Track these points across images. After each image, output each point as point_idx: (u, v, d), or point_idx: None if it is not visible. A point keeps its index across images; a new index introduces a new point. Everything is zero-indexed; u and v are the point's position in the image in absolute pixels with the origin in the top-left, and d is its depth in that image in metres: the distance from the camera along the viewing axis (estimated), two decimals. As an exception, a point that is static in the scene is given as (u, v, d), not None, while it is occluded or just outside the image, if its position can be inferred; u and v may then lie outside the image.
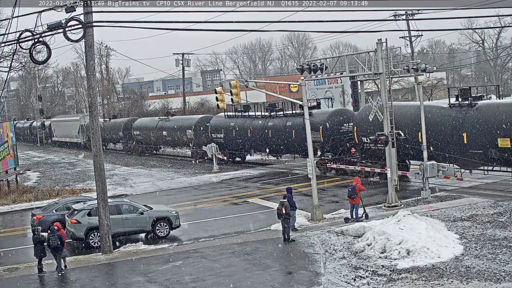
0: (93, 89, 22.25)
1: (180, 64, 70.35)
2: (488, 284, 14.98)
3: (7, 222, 31.14)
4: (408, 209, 22.07)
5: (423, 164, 26.45)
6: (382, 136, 25.37)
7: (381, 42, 25.38)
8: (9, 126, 41.60)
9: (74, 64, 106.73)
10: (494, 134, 25.80)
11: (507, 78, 78.25)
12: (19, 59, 37.28)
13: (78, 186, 40.34)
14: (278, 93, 37.47)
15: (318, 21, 21.47)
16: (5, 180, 40.24)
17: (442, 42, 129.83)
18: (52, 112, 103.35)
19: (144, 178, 42.32)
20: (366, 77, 29.96)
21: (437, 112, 28.75)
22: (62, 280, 19.11)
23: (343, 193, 27.33)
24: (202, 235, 23.96)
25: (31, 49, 19.93)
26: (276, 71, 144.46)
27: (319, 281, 16.52)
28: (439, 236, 18.89)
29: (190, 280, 17.61)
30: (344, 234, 21.31)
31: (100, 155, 22.01)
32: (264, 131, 40.35)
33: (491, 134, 25.91)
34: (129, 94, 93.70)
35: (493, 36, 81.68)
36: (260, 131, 40.87)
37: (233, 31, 63.03)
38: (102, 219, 21.78)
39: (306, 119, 24.77)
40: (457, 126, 27.41)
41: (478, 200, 25.28)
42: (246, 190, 34.00)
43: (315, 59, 33.71)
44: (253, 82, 32.34)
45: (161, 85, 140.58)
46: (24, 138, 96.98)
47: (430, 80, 58.31)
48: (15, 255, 23.31)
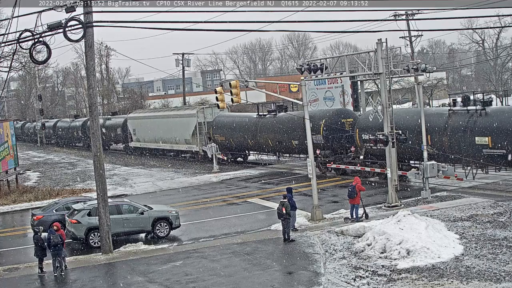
0: (93, 89, 22.24)
1: (180, 64, 70.30)
2: (488, 284, 14.98)
3: (7, 222, 31.14)
4: (408, 209, 22.05)
5: (423, 164, 26.45)
6: (382, 136, 25.37)
7: (381, 42, 25.39)
8: (9, 126, 41.59)
9: (74, 64, 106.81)
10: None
11: (507, 78, 78.12)
12: (19, 59, 37.40)
13: (78, 186, 40.33)
14: (278, 93, 37.25)
15: (318, 21, 21.55)
16: (5, 180, 40.24)
17: (442, 42, 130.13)
18: (53, 112, 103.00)
19: (144, 178, 42.32)
20: (366, 77, 29.97)
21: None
22: (62, 280, 19.11)
23: (343, 193, 27.33)
24: (202, 235, 23.96)
25: (31, 49, 19.94)
26: (276, 71, 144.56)
27: (319, 281, 16.52)
28: (439, 236, 18.89)
29: (190, 280, 17.61)
30: (344, 234, 21.31)
31: (100, 155, 21.99)
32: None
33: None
34: (129, 94, 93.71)
35: (493, 36, 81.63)
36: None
37: (233, 31, 63.18)
38: (102, 219, 21.78)
39: (306, 119, 24.75)
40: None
41: (478, 200, 25.29)
42: (246, 190, 33.99)
43: (315, 59, 33.66)
44: (253, 82, 32.35)
45: (161, 85, 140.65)
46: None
47: (430, 80, 58.35)
48: (15, 255, 23.31)
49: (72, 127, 76.99)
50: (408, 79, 51.83)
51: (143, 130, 57.00)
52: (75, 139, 76.89)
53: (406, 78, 49.44)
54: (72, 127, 76.99)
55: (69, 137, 79.10)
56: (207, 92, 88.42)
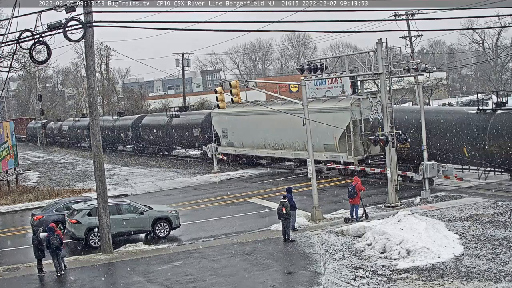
0: (93, 89, 22.24)
1: (180, 64, 70.35)
2: (488, 284, 14.99)
3: (7, 222, 31.15)
4: (408, 209, 22.06)
5: (423, 164, 26.45)
6: (382, 136, 25.38)
7: (381, 42, 25.38)
8: (9, 126, 41.60)
9: (74, 64, 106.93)
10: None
11: (507, 78, 78.17)
12: (19, 59, 37.37)
13: (78, 186, 40.34)
14: (278, 93, 37.34)
15: (318, 21, 21.48)
16: (5, 180, 40.25)
17: (442, 42, 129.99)
18: (53, 112, 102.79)
19: (144, 178, 42.32)
20: (366, 77, 29.93)
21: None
22: (62, 280, 19.11)
23: (343, 193, 27.32)
24: (202, 235, 23.95)
25: (31, 49, 19.93)
26: (276, 71, 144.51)
27: (319, 281, 16.52)
28: (439, 236, 18.90)
29: (190, 280, 17.62)
30: (344, 234, 21.31)
31: (100, 155, 22.00)
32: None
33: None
34: (129, 94, 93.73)
35: (493, 36, 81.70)
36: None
37: (233, 31, 63.17)
38: (102, 219, 21.78)
39: (306, 119, 24.74)
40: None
41: (478, 200, 25.29)
42: (246, 190, 33.99)
43: (315, 59, 33.63)
44: (253, 82, 32.34)
45: (161, 85, 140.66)
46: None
47: (430, 80, 58.28)
48: (15, 255, 23.32)
49: (117, 127, 62.12)
50: (408, 79, 51.76)
51: (241, 131, 42.15)
52: (123, 141, 62.84)
53: (406, 78, 49.36)
54: (117, 127, 62.12)
55: (112, 138, 64.29)
56: (207, 92, 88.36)
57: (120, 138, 62.24)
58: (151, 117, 58.35)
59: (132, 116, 63.52)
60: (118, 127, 61.93)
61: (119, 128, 61.70)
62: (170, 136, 52.25)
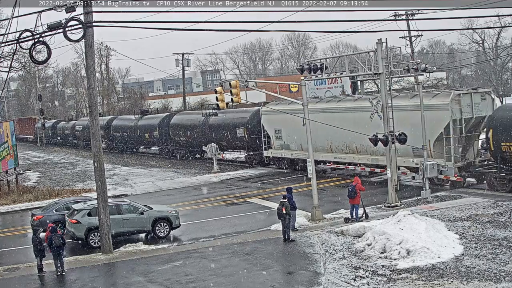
0: (93, 89, 22.25)
1: (180, 64, 70.30)
2: (488, 284, 14.98)
3: (7, 222, 31.14)
4: (408, 209, 22.06)
5: (423, 164, 26.44)
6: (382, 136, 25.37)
7: (381, 42, 25.38)
8: (9, 126, 41.59)
9: (74, 64, 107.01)
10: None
11: (507, 78, 78.11)
12: (19, 59, 37.40)
13: (78, 186, 40.35)
14: (278, 93, 37.30)
15: (318, 21, 21.50)
16: (5, 180, 40.25)
17: (442, 42, 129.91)
18: (53, 112, 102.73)
19: (144, 178, 42.33)
20: (366, 77, 29.96)
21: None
22: (62, 280, 19.12)
23: (343, 193, 27.32)
24: (202, 235, 23.95)
25: (31, 49, 19.93)
26: (276, 71, 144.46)
27: (319, 281, 16.52)
28: (439, 236, 18.90)
29: (190, 280, 17.62)
30: (344, 234, 21.31)
31: (100, 155, 21.99)
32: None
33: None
34: (129, 94, 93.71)
35: (493, 36, 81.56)
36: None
37: (233, 31, 63.17)
38: (102, 219, 21.78)
39: (306, 119, 24.74)
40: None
41: (478, 200, 25.29)
42: (246, 190, 34.00)
43: (315, 59, 33.64)
44: (253, 82, 32.33)
45: (161, 85, 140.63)
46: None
47: (430, 80, 58.27)
48: (15, 255, 23.32)
49: (141, 127, 58.26)
50: (408, 79, 51.76)
51: (300, 132, 32.09)
52: (147, 142, 59.73)
53: (406, 78, 49.39)
54: (141, 127, 58.26)
55: (134, 139, 61.33)
56: (207, 92, 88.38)
57: (143, 139, 57.98)
58: (183, 115, 53.62)
59: (158, 115, 59.25)
60: (141, 127, 57.29)
61: (143, 128, 56.97)
62: (207, 137, 46.88)
